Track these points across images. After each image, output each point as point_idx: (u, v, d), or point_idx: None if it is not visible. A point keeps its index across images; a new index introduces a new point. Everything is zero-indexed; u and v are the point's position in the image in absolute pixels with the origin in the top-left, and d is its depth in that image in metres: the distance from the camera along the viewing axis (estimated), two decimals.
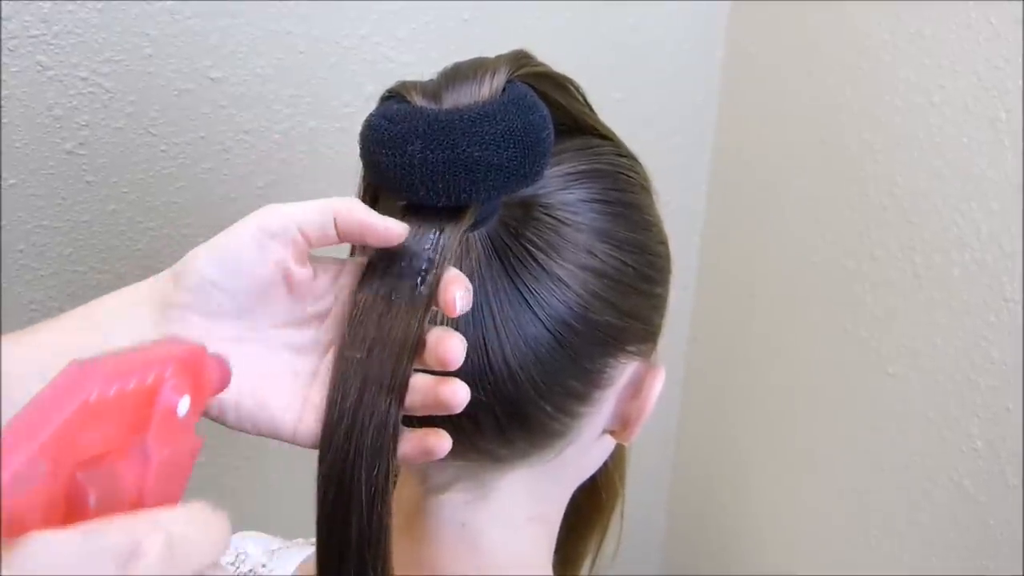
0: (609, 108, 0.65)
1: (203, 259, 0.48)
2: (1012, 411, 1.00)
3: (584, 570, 0.79)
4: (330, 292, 0.51)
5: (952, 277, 1.06)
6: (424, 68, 0.57)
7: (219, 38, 1.03)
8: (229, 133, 1.07)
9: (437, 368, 0.48)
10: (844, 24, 1.16)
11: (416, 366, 0.49)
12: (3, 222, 0.99)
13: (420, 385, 0.49)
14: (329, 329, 0.52)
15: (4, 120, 0.96)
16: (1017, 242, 0.98)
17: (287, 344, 0.51)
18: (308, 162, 1.12)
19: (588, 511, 0.75)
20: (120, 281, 1.06)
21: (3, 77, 0.95)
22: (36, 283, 1.03)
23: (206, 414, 0.49)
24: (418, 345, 0.49)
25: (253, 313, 0.50)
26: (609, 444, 0.65)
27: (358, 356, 0.49)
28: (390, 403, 0.48)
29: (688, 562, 1.63)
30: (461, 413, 0.54)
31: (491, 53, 0.57)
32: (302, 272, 0.50)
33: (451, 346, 0.48)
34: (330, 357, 0.51)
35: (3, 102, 0.95)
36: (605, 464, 0.68)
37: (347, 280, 0.53)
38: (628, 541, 0.84)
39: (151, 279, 0.51)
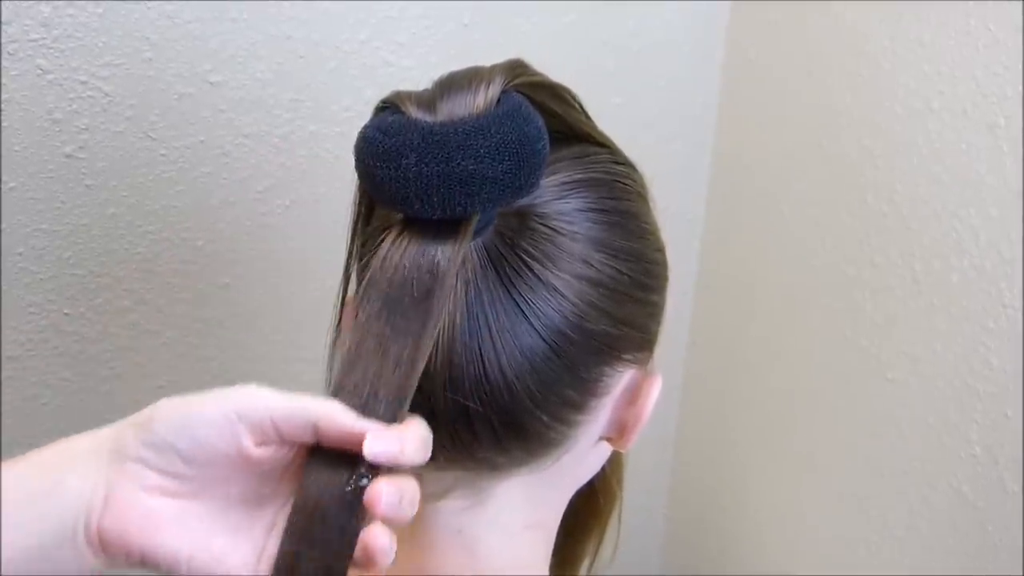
0: (609, 113, 0.65)
1: (167, 424, 0.47)
2: (1011, 417, 1.00)
3: (582, 570, 0.79)
4: (292, 448, 0.50)
5: (951, 283, 1.06)
6: (424, 72, 0.57)
7: (219, 42, 1.03)
8: (229, 137, 1.07)
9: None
10: (844, 30, 1.17)
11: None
12: (2, 225, 0.99)
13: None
14: (290, 479, 0.50)
15: (4, 123, 0.96)
16: (1016, 248, 0.98)
17: (244, 497, 0.50)
18: (308, 166, 1.12)
19: (586, 515, 0.75)
20: (118, 284, 1.06)
21: (3, 80, 0.95)
22: (35, 286, 1.03)
23: (156, 568, 0.48)
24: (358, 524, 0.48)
25: (210, 472, 0.48)
26: (606, 450, 0.65)
27: (308, 514, 0.48)
28: (337, 558, 0.47)
29: (688, 566, 1.62)
30: (458, 423, 0.54)
31: (491, 57, 0.57)
32: (265, 451, 0.48)
33: (376, 542, 0.47)
34: (289, 507, 0.49)
35: (3, 105, 0.95)
36: (603, 469, 0.68)
37: None
38: (627, 545, 0.84)
39: (112, 426, 0.49)
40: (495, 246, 0.53)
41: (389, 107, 0.53)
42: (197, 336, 1.14)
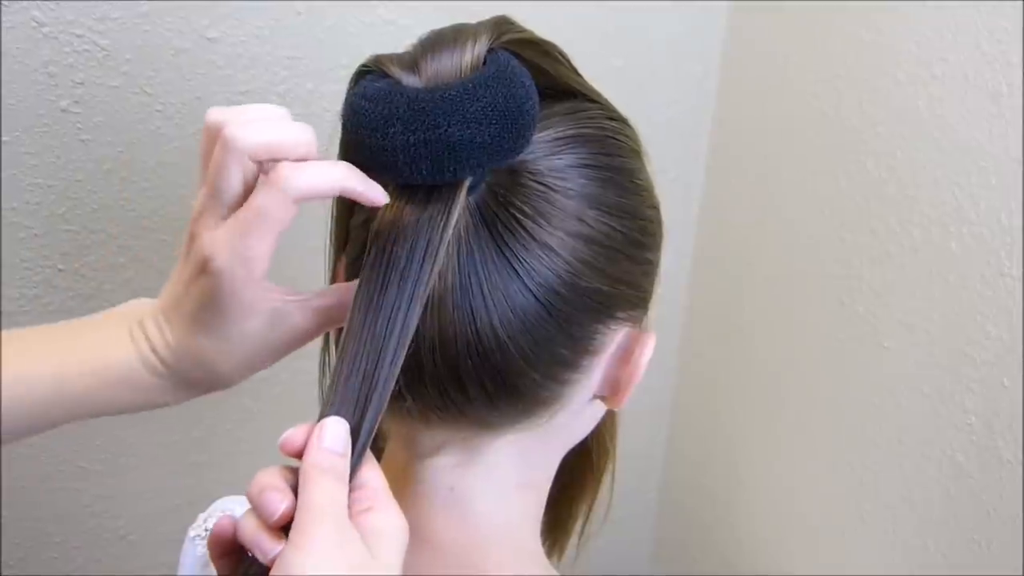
0: (609, 76, 0.65)
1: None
2: (1008, 387, 1.00)
3: (575, 530, 0.79)
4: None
5: (950, 251, 1.05)
6: (424, 30, 0.56)
7: None
8: (225, 93, 1.06)
9: None
10: None
11: None
12: None
13: None
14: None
15: None
16: (1016, 217, 0.98)
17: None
18: (305, 123, 1.12)
19: (580, 473, 0.75)
20: (112, 241, 1.06)
21: None
22: (29, 241, 1.02)
23: None
24: None
25: None
26: (599, 409, 0.65)
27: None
28: None
29: (681, 532, 1.63)
30: (449, 383, 0.54)
31: (490, 13, 0.56)
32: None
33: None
34: None
35: None
36: (596, 427, 0.68)
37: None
38: (620, 511, 0.83)
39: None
40: (487, 204, 0.53)
41: (372, 72, 0.53)
42: None
